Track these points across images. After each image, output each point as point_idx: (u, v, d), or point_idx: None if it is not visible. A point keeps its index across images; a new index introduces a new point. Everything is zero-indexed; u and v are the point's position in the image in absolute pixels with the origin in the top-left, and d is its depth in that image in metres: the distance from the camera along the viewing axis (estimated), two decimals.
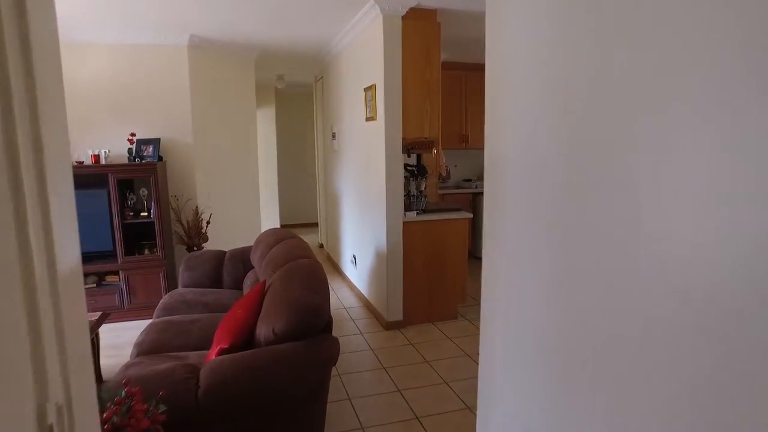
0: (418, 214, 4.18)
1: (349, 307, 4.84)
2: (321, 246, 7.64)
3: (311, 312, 2.03)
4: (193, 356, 2.45)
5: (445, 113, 6.61)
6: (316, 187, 7.97)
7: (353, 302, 4.98)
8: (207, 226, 4.85)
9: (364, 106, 4.47)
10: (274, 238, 3.43)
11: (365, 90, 4.39)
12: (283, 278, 2.35)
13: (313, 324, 2.03)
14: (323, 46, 5.61)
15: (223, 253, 3.96)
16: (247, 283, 3.55)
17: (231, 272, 3.80)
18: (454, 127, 6.69)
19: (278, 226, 8.54)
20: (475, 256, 6.44)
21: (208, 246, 4.89)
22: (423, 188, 4.28)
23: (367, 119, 4.40)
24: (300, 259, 2.68)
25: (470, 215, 4.37)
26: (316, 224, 8.21)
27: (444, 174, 6.35)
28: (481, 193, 7.05)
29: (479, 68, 6.77)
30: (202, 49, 5.03)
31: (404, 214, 4.10)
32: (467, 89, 6.72)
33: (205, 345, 2.63)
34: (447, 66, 6.47)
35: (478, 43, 6.11)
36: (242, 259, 3.85)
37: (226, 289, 3.69)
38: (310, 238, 8.44)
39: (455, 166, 7.14)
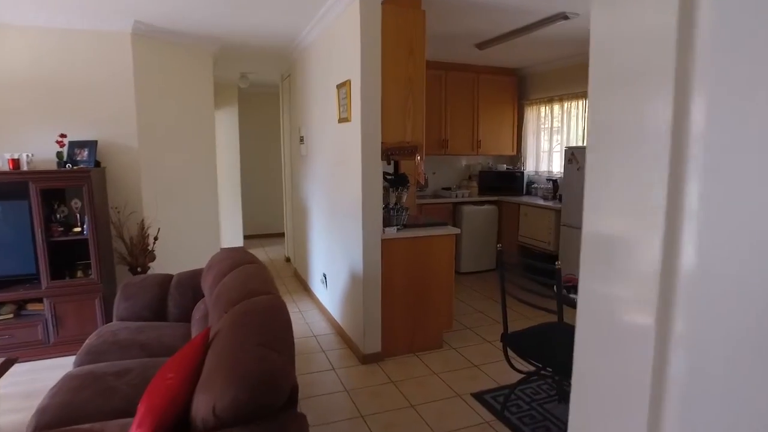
0: (398, 229, 3.64)
1: (320, 334, 4.25)
2: (288, 260, 7.01)
3: (269, 384, 1.46)
4: (111, 430, 1.84)
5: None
6: (283, 196, 7.34)
7: (324, 329, 4.39)
8: (154, 243, 4.19)
9: (336, 106, 3.91)
10: (229, 262, 2.83)
11: (338, 87, 3.83)
12: (234, 328, 1.77)
13: (270, 401, 1.45)
14: (291, 40, 5.03)
15: (170, 277, 3.32)
16: (197, 315, 2.93)
17: (178, 301, 3.17)
18: (433, 131, 6.19)
19: (241, 237, 7.86)
20: (458, 271, 5.94)
21: (155, 266, 4.23)
22: (403, 200, 3.75)
23: (340, 120, 3.84)
24: (258, 295, 2.10)
25: (457, 231, 3.85)
26: (283, 234, 7.57)
27: (423, 182, 5.85)
28: (463, 203, 6.64)
29: (461, 68, 6.34)
30: (149, 38, 4.38)
31: (383, 230, 3.56)
32: (447, 90, 6.23)
33: (134, 409, 2.01)
34: (426, 65, 5.98)
35: (463, 39, 5.77)
36: (192, 284, 3.22)
37: (172, 323, 3.06)
38: (276, 251, 7.80)
39: (434, 173, 6.65)
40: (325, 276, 4.65)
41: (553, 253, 5.45)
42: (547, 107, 6.32)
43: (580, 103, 5.77)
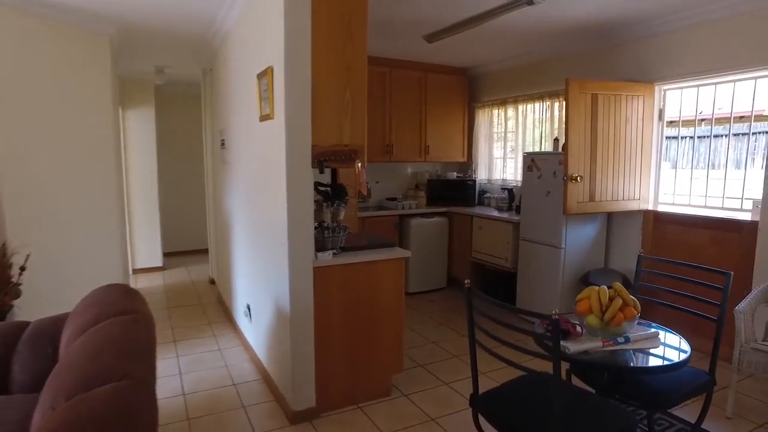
0: (335, 254, 2.93)
1: (242, 382, 3.45)
2: (212, 282, 6.11)
3: None
4: None
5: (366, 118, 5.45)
6: (206, 208, 6.44)
7: (247, 373, 3.59)
8: (20, 275, 3.26)
9: (257, 101, 3.16)
10: (94, 311, 2.01)
11: (258, 77, 3.08)
12: None
13: None
14: (208, 25, 4.22)
15: (23, 326, 2.44)
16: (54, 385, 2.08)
17: (28, 364, 2.29)
18: (377, 135, 5.53)
19: (160, 255, 6.87)
20: (405, 292, 5.27)
21: (22, 305, 3.29)
22: (341, 217, 3.04)
23: (262, 118, 3.09)
24: (106, 383, 1.33)
25: (407, 254, 3.18)
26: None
27: (365, 193, 5.17)
28: (410, 216, 6.00)
29: (407, 65, 5.73)
30: (11, 7, 3.45)
31: (315, 255, 2.83)
32: (392, 90, 5.59)
33: None
34: (368, 61, 5.31)
35: (410, 28, 4.95)
36: (51, 338, 2.36)
37: (15, 396, 2.19)
38: (201, 270, 6.86)
39: (377, 182, 5.98)
40: (248, 307, 3.86)
41: (510, 271, 4.91)
42: (500, 110, 5.82)
43: (537, 105, 5.29)
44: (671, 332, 2.26)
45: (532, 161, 4.50)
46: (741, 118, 3.91)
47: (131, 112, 6.52)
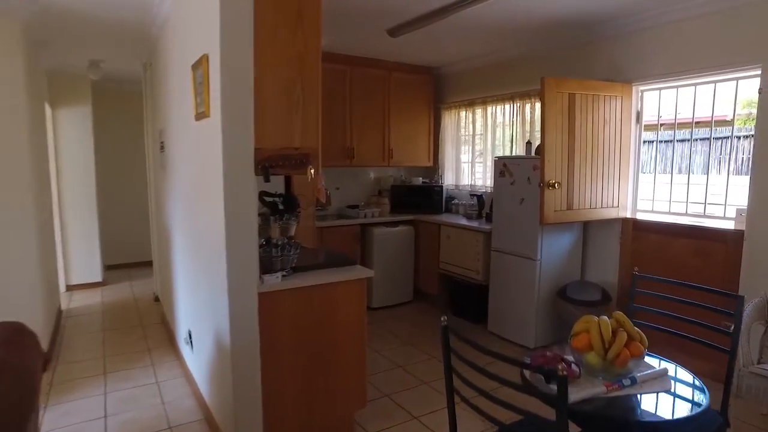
0: (284, 276, 2.50)
1: (179, 424, 2.95)
2: (156, 299, 5.54)
3: None
4: None
5: (325, 119, 5.03)
6: (149, 218, 5.86)
7: (188, 412, 3.10)
8: None
9: (192, 96, 2.69)
10: None
11: (193, 68, 2.62)
12: None
13: None
14: (143, 11, 3.71)
15: None
16: None
17: None
18: (337, 137, 5.12)
19: (99, 268, 6.22)
20: (370, 307, 4.86)
21: None
22: (292, 232, 2.61)
23: (197, 116, 2.64)
24: None
25: (369, 273, 2.78)
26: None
27: (323, 200, 4.75)
28: (373, 224, 5.63)
29: (370, 63, 5.35)
30: None
31: (260, 278, 2.39)
32: (353, 89, 5.19)
33: None
34: (326, 58, 4.90)
35: (372, 20, 3.96)
36: None
37: None
38: (145, 286, 6.25)
39: (337, 188, 5.56)
40: (190, 334, 3.37)
41: (482, 284, 4.58)
42: (467, 111, 5.50)
43: (506, 106, 4.99)
44: (681, 367, 1.94)
45: (504, 166, 4.18)
46: (722, 122, 3.69)
47: (63, 111, 5.87)
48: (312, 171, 2.40)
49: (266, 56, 2.30)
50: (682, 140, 4.33)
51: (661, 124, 4.04)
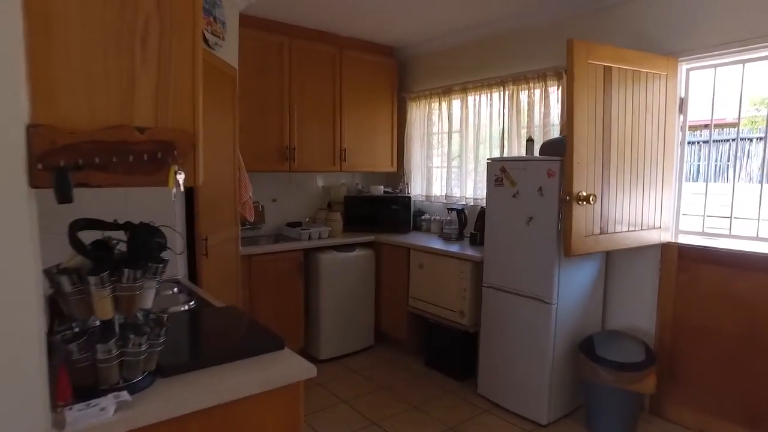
0: (122, 403, 1.18)
1: None
2: None
3: None
4: None
5: (254, 107, 3.72)
6: None
7: None
8: None
9: None
10: None
11: None
12: None
13: None
14: None
15: None
16: None
17: None
18: (271, 134, 3.83)
19: None
20: (315, 358, 3.56)
21: None
22: (147, 304, 1.29)
23: None
24: None
25: (310, 372, 1.50)
26: None
27: (250, 218, 3.45)
28: (321, 249, 2.98)
29: (315, 36, 3.98)
30: None
31: (57, 412, 1.07)
32: (293, 69, 3.91)
33: None
34: (255, 23, 3.61)
35: None
36: None
37: None
38: None
39: (273, 200, 4.26)
40: None
41: (469, 331, 3.39)
42: (441, 102, 4.33)
43: (495, 95, 3.85)
44: None
45: (502, 171, 3.02)
46: None
47: None
48: (179, 175, 1.11)
49: None
50: (725, 140, 3.32)
51: (704, 125, 3.01)
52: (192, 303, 2.00)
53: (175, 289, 2.15)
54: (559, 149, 2.76)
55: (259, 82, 3.69)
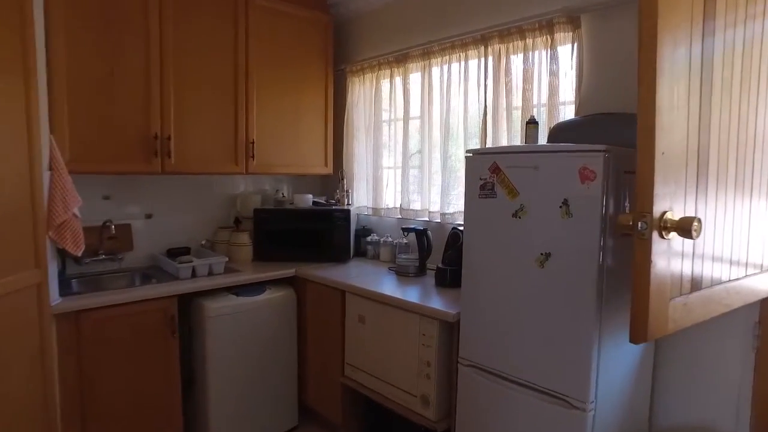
0: None
1: None
2: None
3: None
4: None
5: (87, 75, 2.28)
6: None
7: None
8: None
9: None
10: None
11: None
12: None
13: None
14: None
15: None
16: None
17: None
18: (129, 117, 2.47)
19: None
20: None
21: None
22: None
23: None
24: None
25: None
26: None
27: (76, 252, 2.07)
28: (212, 291, 1.91)
29: None
30: None
31: None
32: (165, 10, 2.55)
33: None
34: None
35: None
36: None
37: None
38: None
39: (149, 216, 2.88)
40: None
41: (431, 424, 2.10)
42: (394, 74, 3.05)
43: (472, 60, 2.60)
44: None
45: (493, 172, 1.75)
46: None
47: None
48: None
49: None
50: None
51: None
52: None
53: None
54: (589, 135, 1.54)
55: (101, 25, 2.32)
